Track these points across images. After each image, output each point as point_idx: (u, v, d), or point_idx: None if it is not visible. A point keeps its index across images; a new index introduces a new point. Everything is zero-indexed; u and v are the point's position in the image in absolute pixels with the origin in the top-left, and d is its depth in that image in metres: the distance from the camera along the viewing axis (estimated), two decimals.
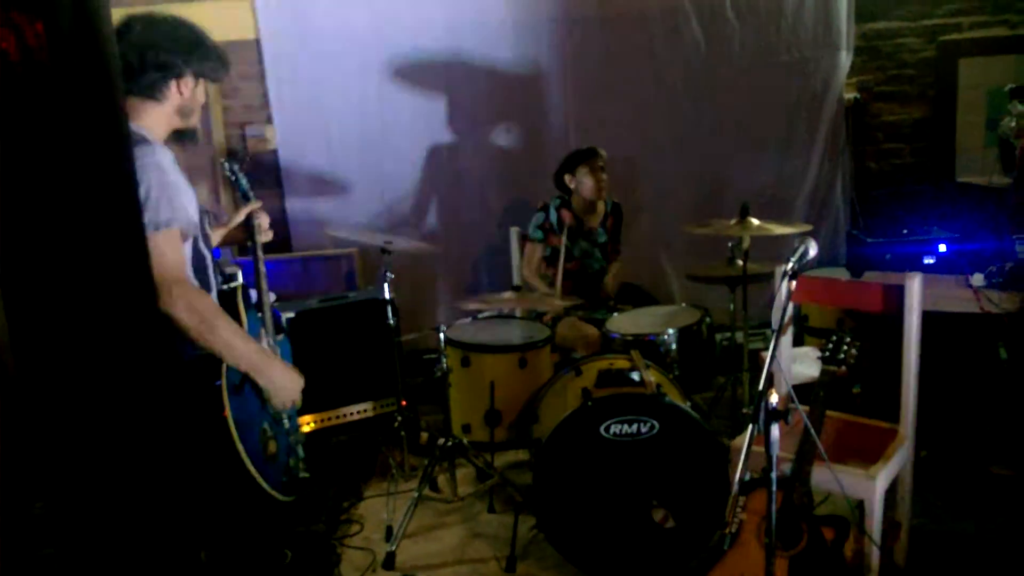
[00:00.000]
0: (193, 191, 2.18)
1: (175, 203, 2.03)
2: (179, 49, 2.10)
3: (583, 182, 3.94)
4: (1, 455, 1.69)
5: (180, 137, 2.23)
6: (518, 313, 3.90)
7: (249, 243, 2.56)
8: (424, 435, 3.82)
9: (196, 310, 2.01)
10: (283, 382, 2.24)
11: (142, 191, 1.91)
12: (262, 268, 2.50)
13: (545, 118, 4.69)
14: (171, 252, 2.02)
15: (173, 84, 2.11)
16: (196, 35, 2.17)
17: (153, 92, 2.09)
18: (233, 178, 2.58)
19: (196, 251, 2.18)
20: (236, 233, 2.62)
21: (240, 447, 2.00)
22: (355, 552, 3.06)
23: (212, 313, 2.06)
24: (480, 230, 4.77)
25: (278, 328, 2.51)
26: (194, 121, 2.23)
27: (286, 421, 2.36)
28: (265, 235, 2.58)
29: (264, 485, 2.06)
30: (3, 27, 1.36)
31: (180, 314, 1.98)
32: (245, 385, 2.14)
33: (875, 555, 2.34)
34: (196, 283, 2.16)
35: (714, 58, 4.64)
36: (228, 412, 2.00)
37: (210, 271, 2.24)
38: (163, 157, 2.05)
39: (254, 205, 2.57)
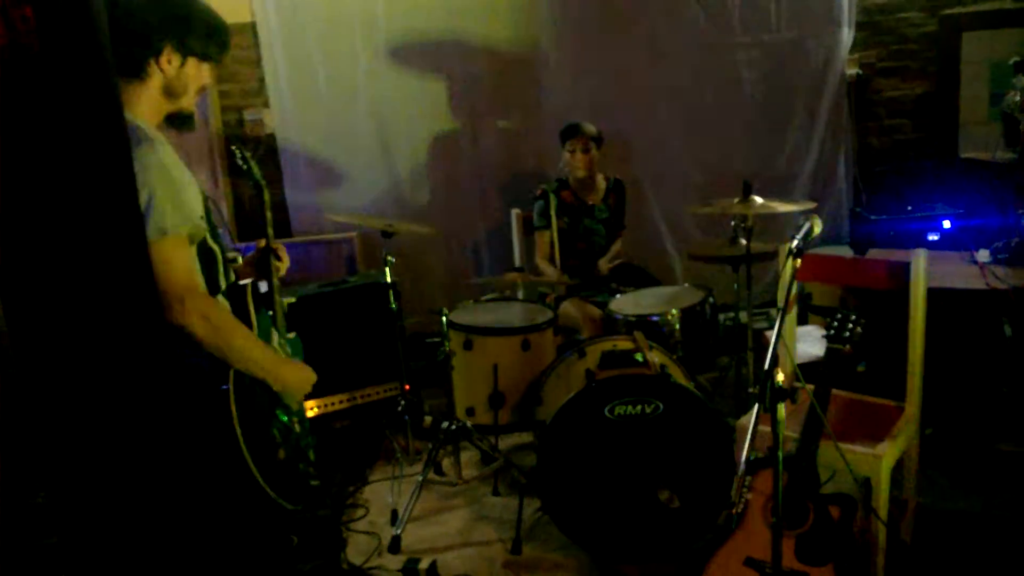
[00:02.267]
0: (196, 184, 2.04)
1: (182, 205, 1.90)
2: (154, 20, 1.93)
3: (568, 160, 3.97)
4: (2, 444, 1.68)
5: (173, 122, 2.06)
6: (520, 295, 3.89)
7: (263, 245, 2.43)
8: (428, 419, 3.81)
9: (210, 321, 1.90)
10: (296, 383, 2.17)
11: (145, 194, 1.79)
12: (274, 263, 2.40)
13: (544, 98, 4.65)
14: (179, 259, 1.89)
15: (152, 60, 1.95)
16: (180, 6, 1.99)
17: (133, 70, 1.93)
18: (245, 166, 2.47)
19: (205, 250, 2.04)
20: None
21: (248, 456, 1.92)
22: (361, 536, 3.06)
23: (226, 323, 1.96)
24: (481, 212, 4.75)
25: (288, 325, 2.43)
26: (186, 103, 2.05)
27: (296, 426, 2.27)
28: (283, 268, 2.45)
29: (272, 494, 1.99)
30: None
31: (194, 327, 1.86)
32: (255, 389, 2.05)
33: (882, 533, 2.34)
34: (204, 284, 2.02)
35: (715, 35, 4.60)
36: (236, 421, 1.91)
37: (220, 269, 2.12)
38: (165, 154, 1.91)
39: (274, 244, 2.41)
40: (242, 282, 2.18)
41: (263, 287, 2.33)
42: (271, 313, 2.29)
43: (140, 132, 1.89)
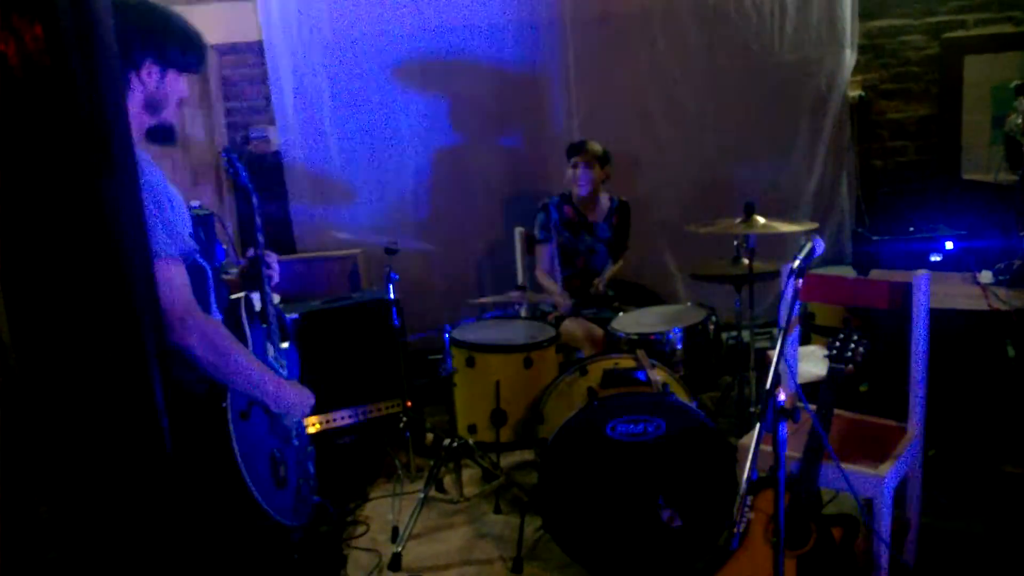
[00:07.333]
0: (181, 198, 2.02)
1: (170, 226, 1.88)
2: (133, 34, 1.88)
3: (570, 176, 3.99)
4: (4, 457, 1.69)
5: (156, 137, 2.02)
6: (523, 313, 3.90)
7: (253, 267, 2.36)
8: (429, 436, 3.81)
9: (210, 342, 1.86)
10: (295, 403, 2.16)
11: None
12: (266, 272, 2.35)
13: (548, 118, 4.68)
14: (177, 279, 1.86)
15: (132, 75, 1.89)
16: (157, 18, 1.95)
17: None
18: (231, 170, 2.39)
19: (194, 267, 2.01)
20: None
21: (247, 479, 1.90)
22: (361, 553, 3.05)
23: (226, 343, 1.92)
24: (484, 230, 4.77)
25: (284, 334, 2.39)
26: (167, 116, 2.01)
27: (295, 439, 2.25)
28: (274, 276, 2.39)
29: (274, 515, 1.98)
30: (3, 30, 1.35)
31: (195, 348, 1.84)
32: (252, 409, 2.03)
33: (884, 554, 2.32)
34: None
35: (718, 57, 4.63)
36: (232, 442, 1.89)
37: (210, 287, 2.07)
38: (152, 174, 1.88)
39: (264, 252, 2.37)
40: (234, 296, 2.16)
41: (256, 302, 2.29)
42: (264, 325, 2.27)
43: None
